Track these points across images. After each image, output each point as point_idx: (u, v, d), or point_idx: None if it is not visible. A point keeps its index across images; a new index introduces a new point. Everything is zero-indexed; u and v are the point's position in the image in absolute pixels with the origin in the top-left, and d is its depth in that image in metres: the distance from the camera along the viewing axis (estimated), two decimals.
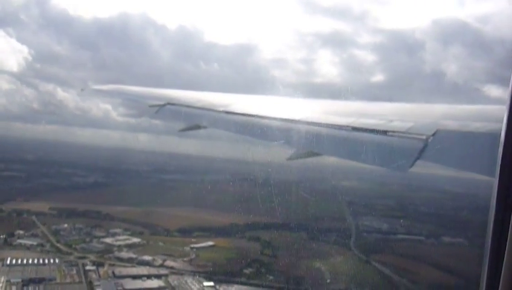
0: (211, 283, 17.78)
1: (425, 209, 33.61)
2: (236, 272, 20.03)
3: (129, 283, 16.85)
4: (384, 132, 2.99)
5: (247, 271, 20.07)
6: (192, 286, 17.35)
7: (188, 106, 5.10)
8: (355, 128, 3.30)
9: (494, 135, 1.50)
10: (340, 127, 3.45)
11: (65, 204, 27.56)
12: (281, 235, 24.74)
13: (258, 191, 21.57)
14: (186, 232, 26.03)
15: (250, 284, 18.65)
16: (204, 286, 17.47)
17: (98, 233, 22.73)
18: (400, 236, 28.28)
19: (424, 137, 2.65)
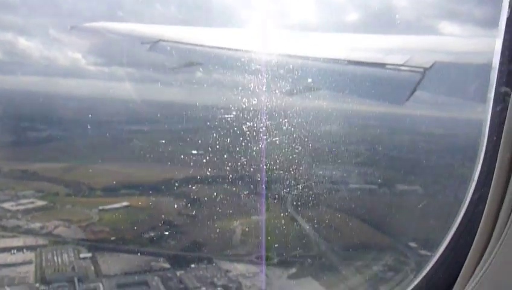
0: (89, 254, 16.13)
1: (395, 154, 30.36)
2: (132, 237, 18.24)
3: None
4: (382, 65, 3.01)
5: (146, 236, 18.22)
6: (66, 258, 15.74)
7: (182, 43, 4.97)
8: (351, 61, 3.27)
9: (491, 66, 1.56)
10: (335, 61, 3.43)
11: None
12: (217, 190, 22.51)
13: (221, 141, 19.40)
14: (111, 190, 24.09)
15: (141, 253, 16.92)
16: (80, 257, 15.87)
17: (2, 197, 21.21)
18: (351, 186, 25.46)
19: (421, 70, 2.69)
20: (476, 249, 1.54)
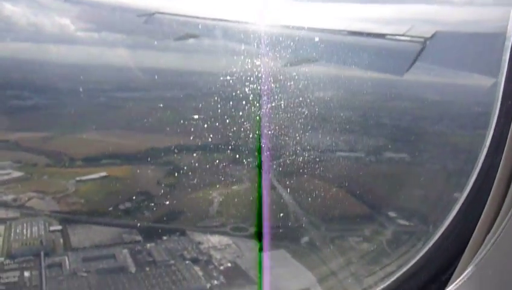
0: (59, 227, 15.87)
1: (386, 121, 29.74)
2: (106, 209, 17.90)
3: None
4: (382, 36, 2.93)
5: (122, 207, 17.86)
6: (36, 231, 15.49)
7: (178, 15, 4.88)
8: (351, 32, 3.21)
9: (493, 36, 1.62)
10: (335, 32, 3.34)
11: None
12: (202, 158, 22.03)
13: (214, 108, 18.89)
14: (92, 160, 23.59)
15: (113, 225, 16.64)
16: (49, 230, 15.62)
17: None
18: (338, 154, 24.93)
19: (422, 40, 2.64)
20: (486, 217, 1.51)
